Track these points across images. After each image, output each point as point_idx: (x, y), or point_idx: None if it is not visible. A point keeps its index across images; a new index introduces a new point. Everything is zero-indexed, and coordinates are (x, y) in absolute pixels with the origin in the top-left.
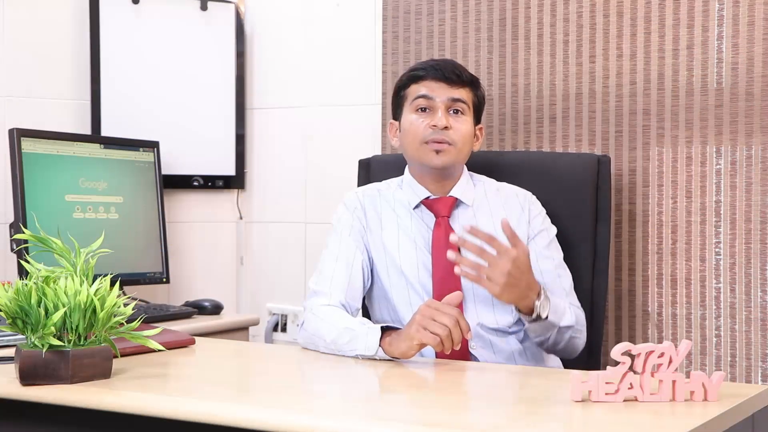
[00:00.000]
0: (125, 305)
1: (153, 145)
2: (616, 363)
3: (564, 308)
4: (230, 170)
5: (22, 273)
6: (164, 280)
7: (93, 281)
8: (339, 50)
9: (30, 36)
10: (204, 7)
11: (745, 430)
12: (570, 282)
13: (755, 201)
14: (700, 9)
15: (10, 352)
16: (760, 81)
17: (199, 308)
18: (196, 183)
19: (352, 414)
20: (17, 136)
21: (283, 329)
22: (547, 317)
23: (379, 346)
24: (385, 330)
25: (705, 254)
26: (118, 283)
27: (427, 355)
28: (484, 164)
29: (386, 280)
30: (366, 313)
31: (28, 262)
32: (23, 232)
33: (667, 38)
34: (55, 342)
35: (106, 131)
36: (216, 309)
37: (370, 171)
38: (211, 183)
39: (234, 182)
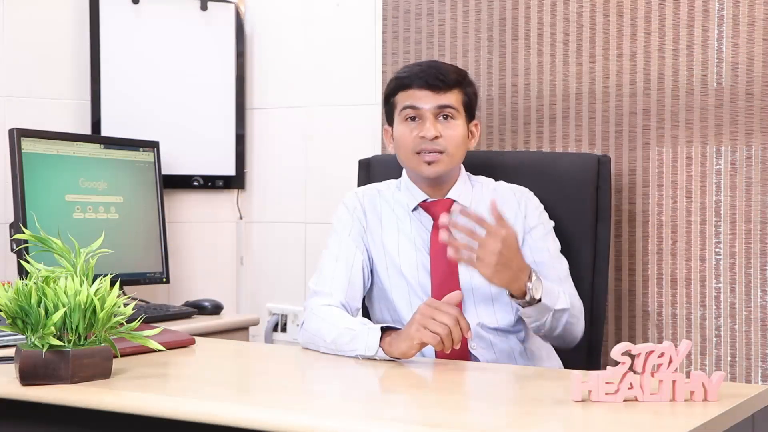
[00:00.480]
0: (125, 305)
1: (153, 145)
2: (616, 363)
3: (558, 292)
4: (230, 170)
5: (22, 273)
6: (164, 280)
7: (93, 281)
8: (339, 50)
9: (30, 36)
10: (204, 7)
11: (745, 430)
12: (566, 270)
13: (755, 201)
14: (700, 9)
15: (10, 352)
16: (760, 81)
17: (199, 308)
18: (196, 183)
19: (352, 414)
20: (17, 136)
21: (283, 329)
22: (540, 299)
23: (379, 346)
24: (385, 330)
25: (705, 254)
26: (118, 283)
27: (428, 355)
28: (484, 164)
29: (386, 280)
30: (366, 313)
31: (28, 262)
32: (23, 232)
33: (667, 38)
34: (55, 342)
35: (106, 131)
36: (216, 309)
37: (370, 171)
38: (211, 183)
39: (234, 182)
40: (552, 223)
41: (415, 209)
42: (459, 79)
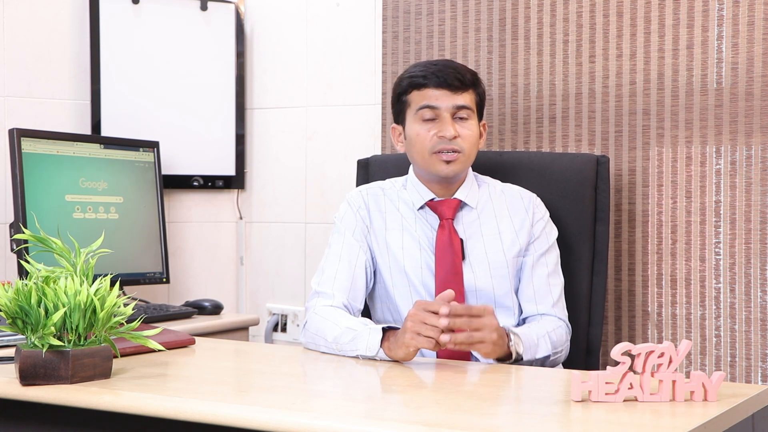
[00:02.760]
0: (125, 305)
1: (153, 145)
2: (616, 363)
3: (536, 341)
4: (230, 170)
5: (22, 273)
6: (164, 280)
7: (93, 281)
8: (339, 50)
9: (30, 35)
10: (204, 7)
11: (745, 430)
12: (560, 291)
13: (755, 201)
14: (700, 9)
15: (10, 352)
16: (760, 81)
17: (199, 308)
18: (196, 183)
19: (352, 414)
20: (17, 136)
21: (283, 329)
22: (522, 357)
23: (380, 347)
24: (387, 330)
25: (705, 254)
26: (118, 283)
27: (428, 355)
28: (484, 164)
29: (389, 280)
30: (367, 313)
31: (28, 262)
32: (23, 232)
33: (667, 38)
34: (55, 342)
35: (106, 131)
36: (216, 309)
37: (369, 171)
38: (211, 183)
39: (234, 182)
40: (555, 233)
41: (421, 208)
42: (474, 79)
